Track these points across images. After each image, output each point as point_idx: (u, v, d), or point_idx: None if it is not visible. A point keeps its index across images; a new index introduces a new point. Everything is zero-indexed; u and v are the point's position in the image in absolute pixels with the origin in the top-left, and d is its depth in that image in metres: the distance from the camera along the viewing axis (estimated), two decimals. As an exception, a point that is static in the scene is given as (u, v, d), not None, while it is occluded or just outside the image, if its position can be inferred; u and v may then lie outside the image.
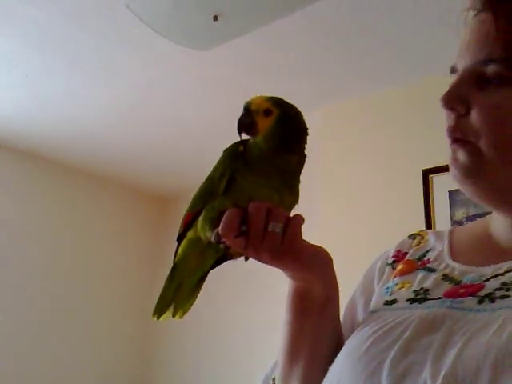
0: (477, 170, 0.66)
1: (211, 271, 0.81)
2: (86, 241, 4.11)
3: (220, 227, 0.67)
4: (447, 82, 0.70)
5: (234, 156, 0.75)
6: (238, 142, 0.77)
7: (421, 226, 2.47)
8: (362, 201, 2.76)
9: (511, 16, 0.63)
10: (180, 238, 0.79)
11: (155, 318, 0.78)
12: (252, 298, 3.77)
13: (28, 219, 3.83)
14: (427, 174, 2.52)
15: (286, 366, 0.76)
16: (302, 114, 0.79)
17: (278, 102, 0.76)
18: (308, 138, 0.78)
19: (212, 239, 0.70)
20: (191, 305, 0.80)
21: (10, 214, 3.75)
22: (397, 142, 2.71)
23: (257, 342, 3.63)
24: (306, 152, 0.77)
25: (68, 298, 3.93)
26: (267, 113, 0.75)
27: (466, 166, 0.67)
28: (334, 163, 2.93)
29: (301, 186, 0.78)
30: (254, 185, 0.73)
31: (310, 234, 0.76)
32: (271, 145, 0.74)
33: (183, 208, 0.80)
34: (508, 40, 0.62)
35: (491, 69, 0.63)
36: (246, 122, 0.75)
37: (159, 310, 0.78)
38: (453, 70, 0.70)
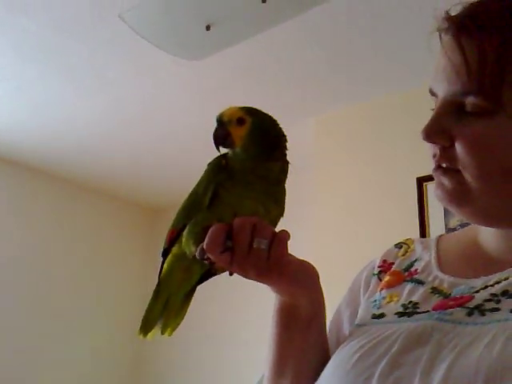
0: (462, 196, 0.66)
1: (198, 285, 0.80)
2: (77, 251, 4.09)
3: (205, 243, 0.66)
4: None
5: (218, 169, 0.74)
6: (220, 156, 0.76)
7: (415, 233, 2.47)
8: (357, 208, 2.76)
9: (479, 49, 0.62)
10: (165, 254, 0.78)
11: (141, 337, 0.76)
12: (245, 305, 3.75)
13: (19, 229, 3.80)
14: (421, 181, 2.52)
15: (272, 380, 0.75)
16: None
17: (250, 111, 0.75)
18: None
19: (197, 255, 0.69)
20: (180, 321, 0.78)
21: (2, 223, 3.73)
22: (391, 150, 2.71)
23: (248, 350, 3.61)
24: (288, 159, 0.76)
25: (59, 308, 3.90)
26: (240, 122, 0.74)
27: (451, 192, 0.67)
28: (328, 171, 2.93)
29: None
30: (239, 198, 0.72)
31: (304, 240, 0.76)
32: (251, 153, 0.73)
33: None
34: (480, 73, 0.61)
35: (470, 100, 0.63)
36: (221, 134, 0.74)
37: (145, 328, 0.77)
38: (431, 93, 0.69)
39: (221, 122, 0.74)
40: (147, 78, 2.75)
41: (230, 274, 0.71)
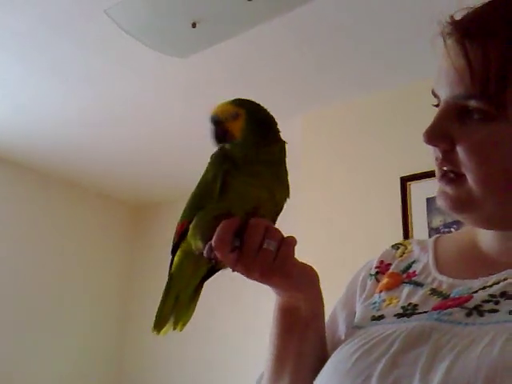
0: (465, 203, 0.66)
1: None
2: (61, 247, 4.06)
3: (213, 241, 0.68)
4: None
5: (223, 158, 0.75)
6: (222, 147, 0.77)
7: (398, 233, 2.49)
8: (340, 207, 2.77)
9: (483, 54, 0.61)
10: (174, 250, 0.79)
11: (155, 333, 0.77)
12: (238, 304, 3.75)
13: (3, 225, 3.76)
14: (405, 181, 2.54)
15: (271, 380, 0.76)
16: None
17: (241, 103, 0.77)
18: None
19: (204, 253, 0.70)
20: (190, 316, 0.80)
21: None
22: (375, 149, 2.72)
23: (240, 348, 3.61)
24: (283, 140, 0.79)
25: (43, 304, 3.88)
26: (235, 116, 0.75)
27: (454, 199, 0.67)
28: (312, 169, 2.93)
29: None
30: (245, 186, 0.73)
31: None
32: (251, 142, 0.75)
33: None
34: (484, 77, 0.61)
35: (472, 104, 0.62)
36: (220, 132, 0.76)
37: (159, 325, 0.78)
38: (434, 95, 0.69)
39: (217, 120, 0.76)
40: (134, 75, 2.73)
41: (233, 271, 0.72)
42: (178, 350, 3.94)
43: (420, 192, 2.47)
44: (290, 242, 0.70)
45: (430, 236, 2.35)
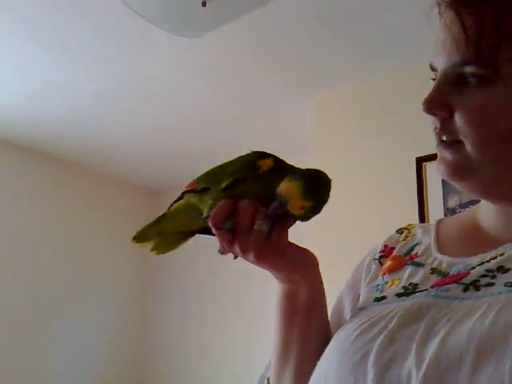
0: (464, 168, 0.67)
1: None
2: (77, 232, 4.09)
3: (211, 217, 0.71)
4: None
5: (249, 167, 0.74)
6: (267, 156, 0.75)
7: (414, 213, 2.47)
8: (356, 188, 2.75)
9: (476, 18, 0.63)
10: (181, 197, 0.82)
11: (134, 243, 0.83)
12: (249, 289, 3.77)
13: (16, 210, 3.79)
14: (421, 161, 2.52)
15: (277, 366, 0.78)
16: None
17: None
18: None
19: (200, 220, 0.74)
20: (168, 251, 0.83)
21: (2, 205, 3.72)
22: (390, 130, 2.70)
23: (256, 336, 3.64)
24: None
25: (58, 289, 3.92)
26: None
27: (453, 165, 0.67)
28: (326, 151, 2.91)
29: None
30: (251, 193, 0.74)
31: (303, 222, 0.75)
32: None
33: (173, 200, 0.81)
34: (478, 42, 0.62)
35: (468, 70, 0.63)
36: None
37: (139, 239, 0.83)
38: (432, 68, 0.70)
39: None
40: (146, 58, 2.71)
41: (235, 257, 0.74)
42: (199, 346, 3.97)
43: (436, 172, 2.43)
44: (284, 221, 0.72)
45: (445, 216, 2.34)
